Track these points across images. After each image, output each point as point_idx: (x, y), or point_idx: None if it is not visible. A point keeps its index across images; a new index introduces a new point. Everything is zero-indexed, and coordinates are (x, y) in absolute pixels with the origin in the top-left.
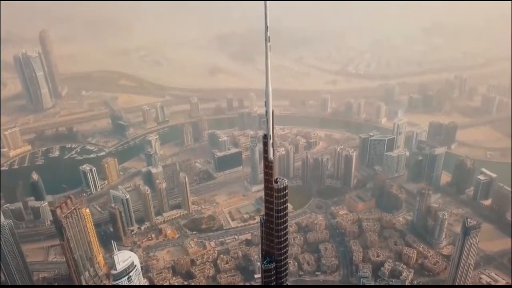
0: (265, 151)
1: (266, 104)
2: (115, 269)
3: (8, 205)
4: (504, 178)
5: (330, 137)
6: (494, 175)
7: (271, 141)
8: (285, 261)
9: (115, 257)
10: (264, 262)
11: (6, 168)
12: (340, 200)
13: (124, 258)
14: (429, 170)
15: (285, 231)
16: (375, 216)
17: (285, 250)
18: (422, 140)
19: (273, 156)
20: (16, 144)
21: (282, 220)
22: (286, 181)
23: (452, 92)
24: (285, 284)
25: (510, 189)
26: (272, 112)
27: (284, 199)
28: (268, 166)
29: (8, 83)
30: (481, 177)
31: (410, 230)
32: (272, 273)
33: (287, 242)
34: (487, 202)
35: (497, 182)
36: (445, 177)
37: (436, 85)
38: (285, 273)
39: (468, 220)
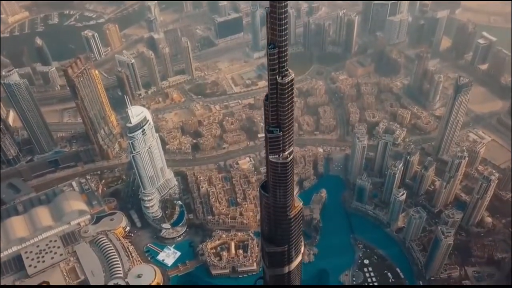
0: None
1: None
2: (130, 123)
3: (17, 69)
4: (504, 42)
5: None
6: (494, 38)
7: None
8: (285, 48)
9: (129, 111)
10: (269, 47)
11: (8, 35)
12: (341, 66)
13: (137, 112)
14: (430, 34)
15: (285, 21)
16: (374, 80)
17: (285, 38)
18: (425, 3)
19: None
20: (14, 10)
21: (283, 10)
22: None
23: None
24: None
25: (509, 53)
26: None
27: None
28: None
29: None
30: (480, 41)
31: (406, 93)
32: (275, 57)
33: (286, 31)
34: (484, 66)
35: (496, 46)
36: (445, 43)
37: None
38: (285, 62)
39: (461, 78)
